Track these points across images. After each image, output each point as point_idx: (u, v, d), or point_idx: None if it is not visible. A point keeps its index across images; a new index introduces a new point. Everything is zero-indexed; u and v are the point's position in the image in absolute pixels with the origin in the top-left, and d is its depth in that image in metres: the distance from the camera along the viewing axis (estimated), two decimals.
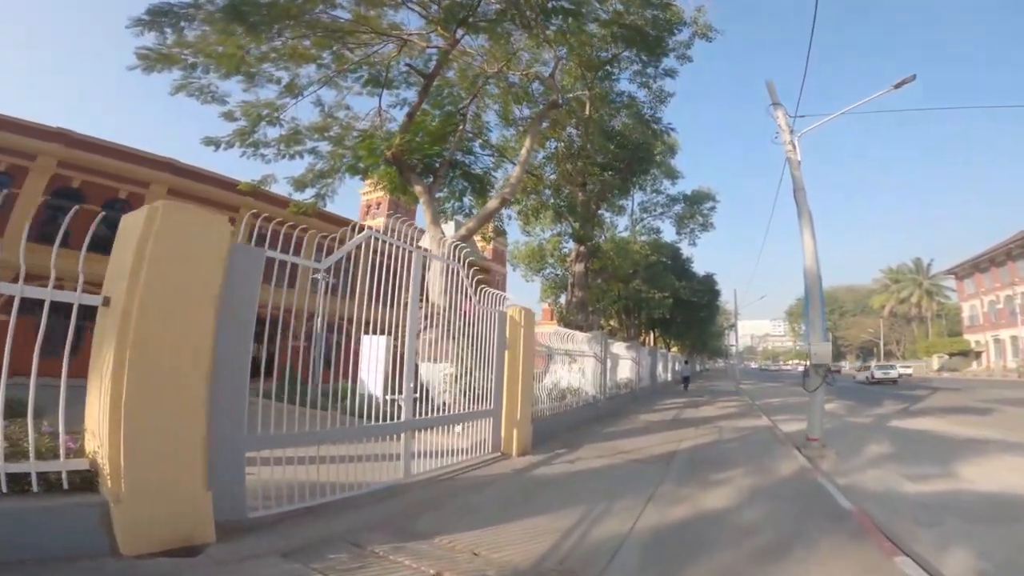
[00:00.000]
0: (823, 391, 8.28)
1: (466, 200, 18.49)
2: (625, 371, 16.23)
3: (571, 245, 22.73)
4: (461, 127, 13.90)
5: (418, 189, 12.45)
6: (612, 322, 35.28)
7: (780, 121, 10.45)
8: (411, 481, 5.40)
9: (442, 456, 6.07)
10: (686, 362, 32.80)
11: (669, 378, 29.54)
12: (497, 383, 7.18)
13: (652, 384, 21.10)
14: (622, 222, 33.41)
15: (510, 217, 24.05)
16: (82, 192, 20.02)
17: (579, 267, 18.15)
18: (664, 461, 6.89)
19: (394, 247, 5.56)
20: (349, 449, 4.91)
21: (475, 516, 4.28)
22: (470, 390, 7.03)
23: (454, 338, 7.18)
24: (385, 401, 5.41)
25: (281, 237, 4.14)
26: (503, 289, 48.56)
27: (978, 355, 55.70)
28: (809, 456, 7.55)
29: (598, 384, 11.73)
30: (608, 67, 16.26)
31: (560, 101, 14.41)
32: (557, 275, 27.22)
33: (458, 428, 7.20)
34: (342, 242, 4.85)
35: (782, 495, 5.18)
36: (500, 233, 24.32)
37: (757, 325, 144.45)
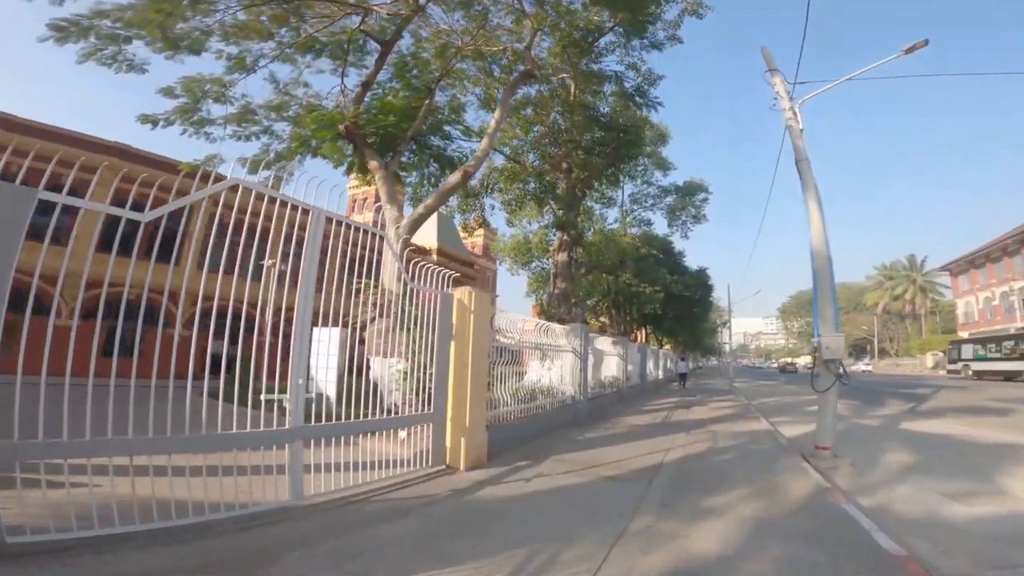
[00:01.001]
0: (836, 391, 7.00)
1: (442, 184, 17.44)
2: (611, 368, 14.93)
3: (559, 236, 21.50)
4: (428, 102, 12.61)
5: (373, 164, 11.17)
6: (603, 318, 34.08)
7: (778, 87, 9.23)
8: (302, 504, 4.08)
9: (362, 470, 4.74)
10: (683, 359, 32.17)
11: (661, 376, 28.30)
12: (439, 381, 5.85)
13: (642, 383, 19.83)
14: (612, 214, 32.35)
15: (493, 208, 22.87)
16: None
17: (562, 256, 16.85)
18: (645, 478, 5.57)
19: (289, 209, 4.22)
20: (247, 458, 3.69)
21: (360, 562, 2.96)
22: (409, 390, 5.73)
23: (405, 328, 5.89)
24: (270, 402, 4.06)
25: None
26: (493, 287, 46.99)
27: None
28: (821, 469, 6.26)
29: (577, 383, 10.42)
30: (591, 40, 14.94)
31: (536, 73, 13.12)
32: (544, 269, 26.02)
33: (402, 434, 5.90)
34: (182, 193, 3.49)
35: (798, 530, 3.86)
36: (483, 224, 22.90)
37: (750, 323, 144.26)
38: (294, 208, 4.36)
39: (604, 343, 14.51)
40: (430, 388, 5.76)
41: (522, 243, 26.11)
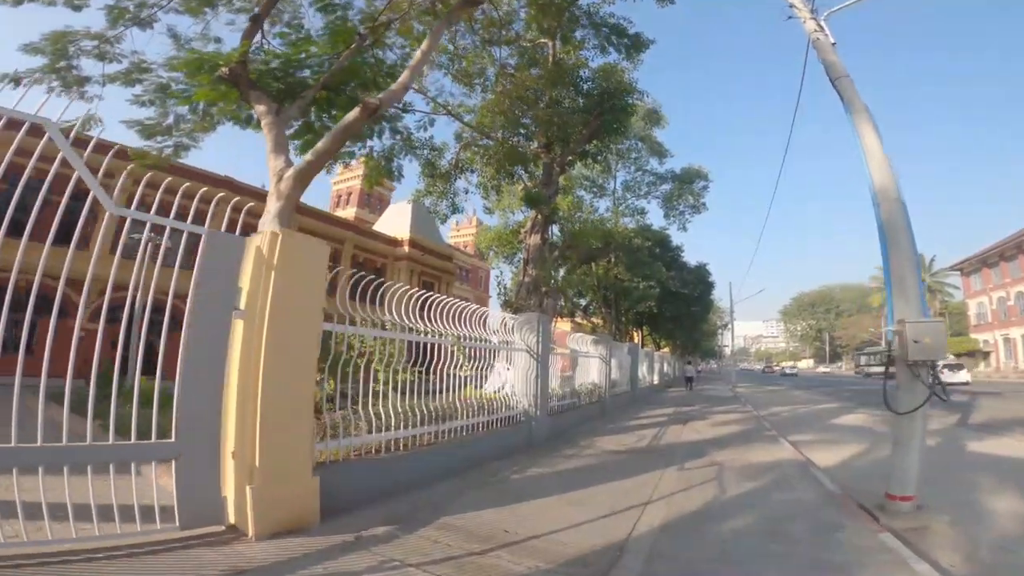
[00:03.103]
0: (923, 416, 4.25)
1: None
2: (590, 373, 12.15)
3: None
4: (355, 45, 9.99)
5: (260, 109, 8.52)
6: (594, 319, 31.30)
7: None
8: None
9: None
10: (689, 363, 31.68)
11: (656, 381, 25.42)
12: (196, 387, 3.10)
13: (632, 390, 17.00)
14: (603, 204, 29.65)
15: (467, 191, 20.18)
16: None
17: (535, 239, 14.08)
18: None
19: None
20: None
21: None
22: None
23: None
24: None
25: None
26: (486, 287, 44.24)
27: (986, 355, 52.30)
28: (914, 542, 3.52)
29: (532, 393, 7.63)
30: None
31: None
32: None
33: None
34: None
35: None
36: (457, 210, 20.09)
37: (750, 326, 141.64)
38: None
39: (580, 342, 11.73)
40: (179, 399, 3.01)
41: (504, 233, 23.38)
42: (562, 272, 26.26)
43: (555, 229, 16.94)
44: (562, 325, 35.49)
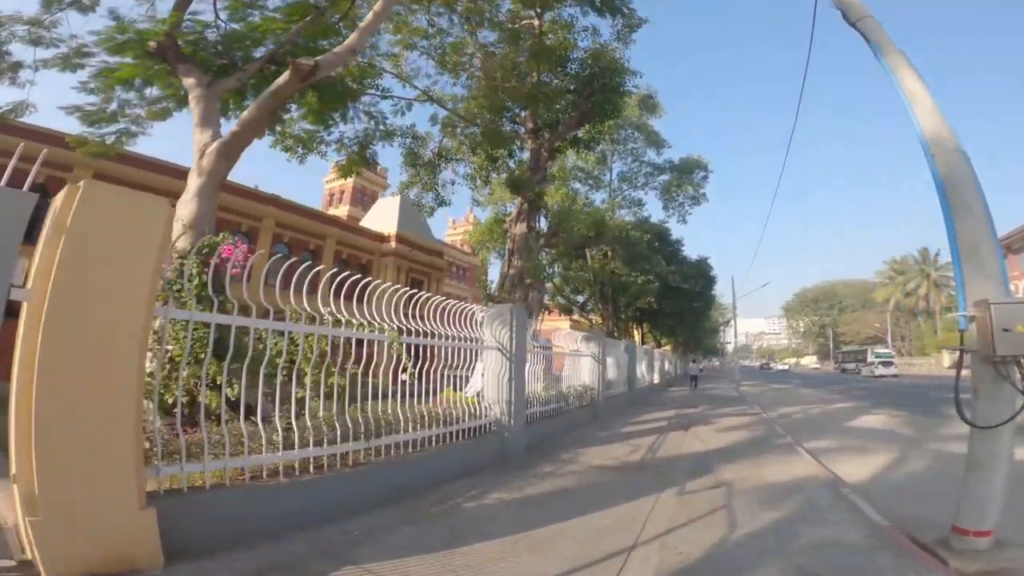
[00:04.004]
0: (1012, 432, 3.09)
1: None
2: (581, 374, 10.99)
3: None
4: (310, 17, 8.94)
5: (189, 82, 7.45)
6: (593, 316, 30.11)
7: None
8: None
9: None
10: (694, 361, 31.91)
11: (656, 380, 24.21)
12: None
13: (629, 391, 15.82)
14: (599, 197, 28.46)
15: (454, 182, 19.06)
16: None
17: (520, 228, 12.92)
18: None
19: None
20: None
21: None
22: None
23: None
24: None
25: None
26: (485, 286, 43.49)
27: None
28: None
29: (504, 399, 6.47)
30: None
31: None
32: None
33: None
34: None
35: None
36: (443, 202, 18.92)
37: (752, 323, 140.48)
38: None
39: (568, 339, 10.57)
40: None
41: (494, 225, 22.21)
42: (547, 261, 25.13)
43: (546, 220, 15.80)
44: (560, 324, 34.36)
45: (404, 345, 4.98)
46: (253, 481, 3.51)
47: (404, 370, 4.96)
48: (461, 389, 6.54)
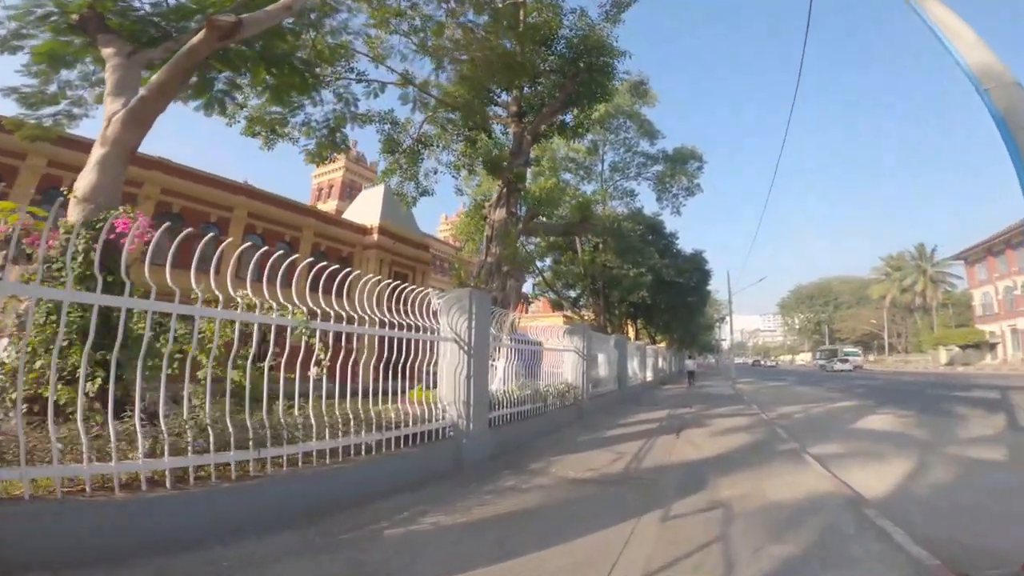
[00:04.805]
0: None
1: None
2: (563, 371, 10.04)
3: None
4: None
5: (107, 51, 6.46)
6: (585, 312, 29.19)
7: None
8: None
9: None
10: (690, 357, 31.98)
11: (650, 378, 23.26)
12: None
13: (620, 389, 14.89)
14: (591, 188, 27.52)
15: (437, 171, 18.11)
16: None
17: (500, 214, 11.95)
18: None
19: None
20: None
21: None
22: None
23: None
24: None
25: None
26: (456, 275, 42.29)
27: (992, 347, 50.43)
28: None
29: (461, 400, 5.49)
30: None
31: None
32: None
33: None
34: None
35: None
36: (426, 192, 17.93)
37: (748, 320, 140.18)
38: None
39: (549, 333, 9.62)
40: None
41: (475, 211, 21.24)
42: (536, 254, 24.08)
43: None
44: (554, 320, 33.37)
45: (318, 332, 4.00)
46: (98, 494, 2.68)
47: (318, 363, 3.99)
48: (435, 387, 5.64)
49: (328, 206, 50.89)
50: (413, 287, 5.27)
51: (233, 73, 9.59)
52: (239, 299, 3.91)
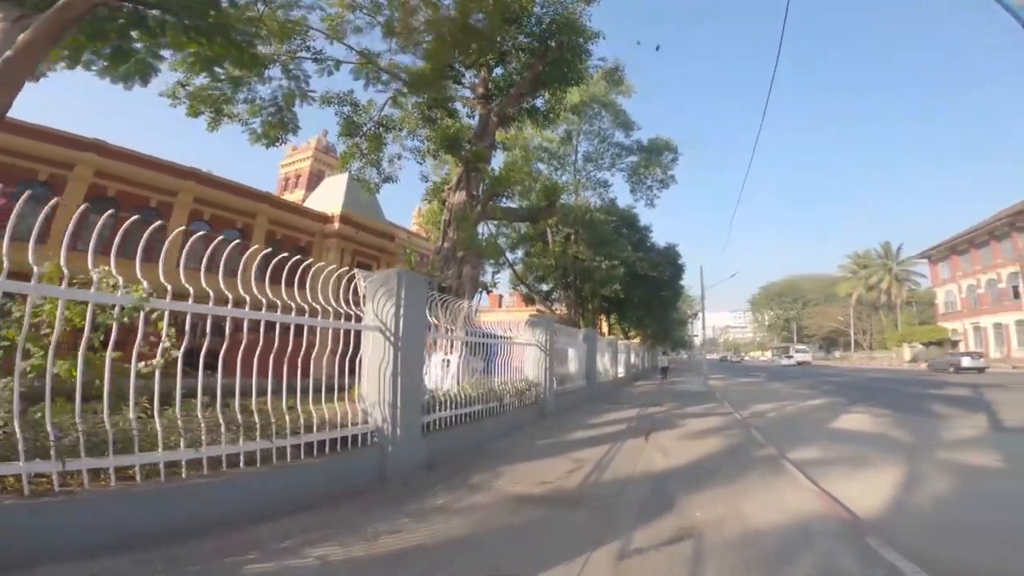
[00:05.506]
0: None
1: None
2: (524, 367, 9.20)
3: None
4: None
5: None
6: (558, 307, 28.45)
7: None
8: None
9: None
10: (664, 353, 32.46)
11: (622, 374, 22.66)
12: None
13: (588, 386, 14.14)
14: (564, 178, 26.72)
15: (401, 157, 17.08)
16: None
17: (459, 197, 11.01)
18: None
19: None
20: None
21: None
22: None
23: None
24: None
25: None
26: (407, 261, 41.14)
27: (955, 344, 51.65)
28: None
29: (387, 401, 4.58)
30: None
31: None
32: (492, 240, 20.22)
33: None
34: None
35: None
36: (388, 179, 16.86)
37: (719, 316, 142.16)
38: None
39: (510, 326, 8.75)
40: None
41: (434, 195, 20.22)
42: (507, 245, 23.16)
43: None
44: (527, 314, 32.54)
45: (166, 315, 3.05)
46: None
47: (164, 352, 3.04)
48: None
49: (295, 196, 48.96)
50: (323, 264, 4.31)
51: (150, 42, 8.48)
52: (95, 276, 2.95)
